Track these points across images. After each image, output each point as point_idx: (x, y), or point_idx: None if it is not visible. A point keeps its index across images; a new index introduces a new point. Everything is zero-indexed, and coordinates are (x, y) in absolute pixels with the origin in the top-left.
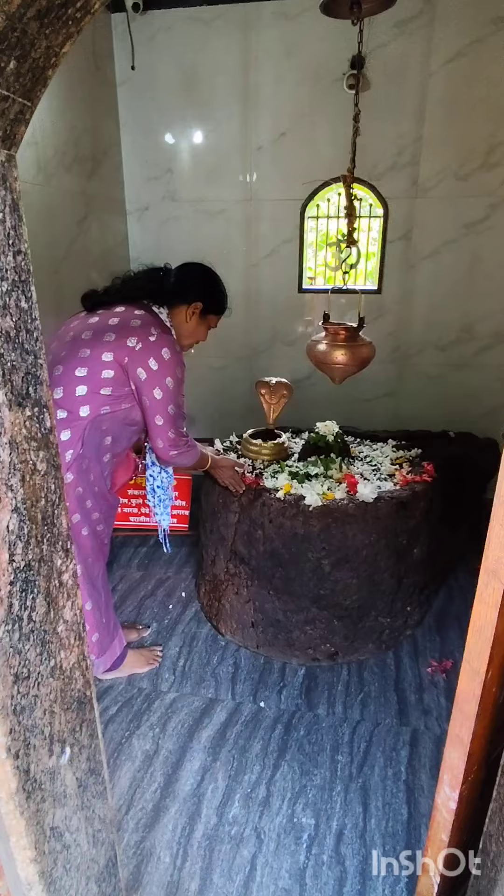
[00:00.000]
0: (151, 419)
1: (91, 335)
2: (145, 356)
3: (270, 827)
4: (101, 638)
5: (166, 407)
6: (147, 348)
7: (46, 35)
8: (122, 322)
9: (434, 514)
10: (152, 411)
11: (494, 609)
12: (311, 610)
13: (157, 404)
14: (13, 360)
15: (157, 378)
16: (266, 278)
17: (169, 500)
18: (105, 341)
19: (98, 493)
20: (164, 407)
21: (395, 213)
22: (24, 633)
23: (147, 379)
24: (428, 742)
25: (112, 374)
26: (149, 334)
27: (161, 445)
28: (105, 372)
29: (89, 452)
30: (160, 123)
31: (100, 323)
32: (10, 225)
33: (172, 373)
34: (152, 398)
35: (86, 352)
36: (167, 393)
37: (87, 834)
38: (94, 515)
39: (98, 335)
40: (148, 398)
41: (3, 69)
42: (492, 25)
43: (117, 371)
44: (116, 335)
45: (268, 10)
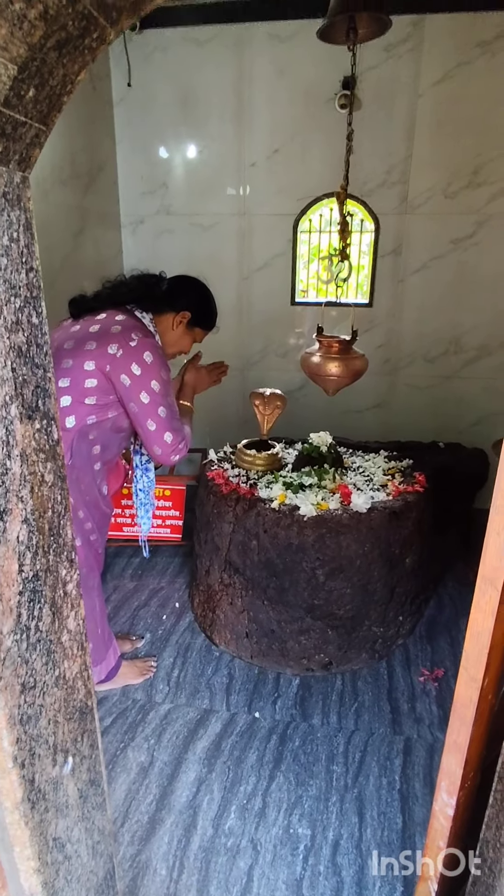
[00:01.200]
0: (143, 425)
1: (73, 344)
2: (127, 362)
3: (267, 838)
4: (96, 647)
5: (156, 410)
6: (128, 354)
7: (64, 64)
8: (103, 329)
9: (425, 523)
10: (143, 417)
11: (491, 616)
12: (306, 620)
13: (146, 409)
14: (24, 375)
15: (141, 382)
16: (259, 291)
17: (151, 505)
18: (86, 350)
19: (90, 503)
20: (154, 410)
21: (385, 229)
22: (31, 643)
23: (131, 385)
24: (421, 750)
25: (95, 383)
26: (129, 339)
27: (160, 452)
28: (88, 381)
29: (79, 462)
30: (155, 139)
31: (81, 331)
32: (24, 243)
33: (157, 375)
34: (140, 403)
35: (68, 362)
36: (154, 396)
37: (88, 846)
38: (86, 525)
39: (79, 344)
40: (135, 404)
41: (22, 97)
42: (477, 49)
43: (100, 379)
44: (97, 343)
45: (261, 32)
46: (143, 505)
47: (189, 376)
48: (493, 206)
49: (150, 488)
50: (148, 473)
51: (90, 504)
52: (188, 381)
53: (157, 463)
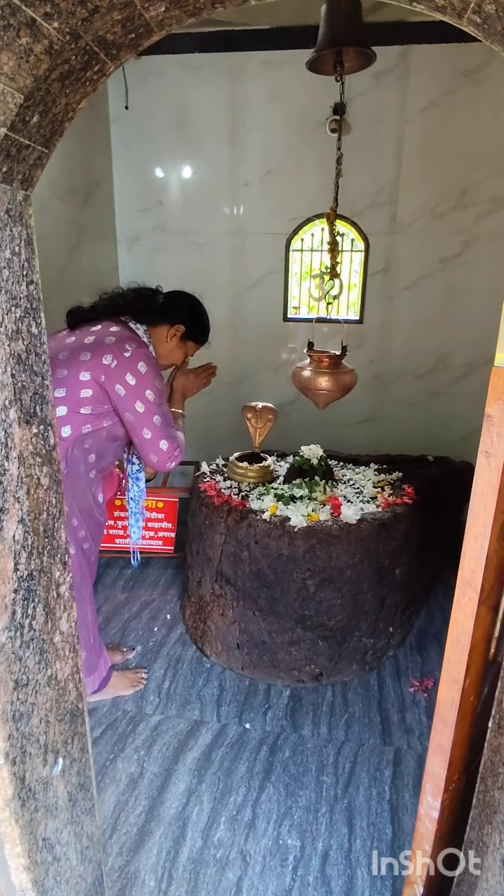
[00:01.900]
0: (139, 434)
1: (68, 355)
2: (122, 372)
3: (256, 849)
4: (88, 657)
5: (151, 418)
6: (122, 364)
7: (66, 94)
8: (98, 340)
9: (414, 535)
10: (138, 426)
11: (471, 618)
12: (296, 631)
13: (141, 418)
14: (23, 381)
15: (136, 392)
16: (252, 307)
17: (140, 515)
18: (81, 360)
19: (85, 511)
20: (150, 419)
21: (375, 248)
22: (24, 641)
23: (126, 395)
24: (411, 761)
25: (91, 393)
26: (123, 350)
27: (156, 460)
28: (83, 391)
29: (74, 471)
30: (151, 159)
31: (76, 342)
32: (25, 258)
33: (151, 385)
34: (135, 412)
35: (63, 372)
36: (149, 405)
37: (77, 850)
38: (80, 533)
39: (74, 354)
40: (131, 413)
41: (27, 122)
42: (462, 77)
43: (95, 390)
44: (92, 354)
45: (255, 60)
46: (134, 514)
47: (178, 382)
48: (480, 227)
49: (141, 498)
50: (139, 483)
51: (85, 512)
52: (177, 387)
53: (152, 469)
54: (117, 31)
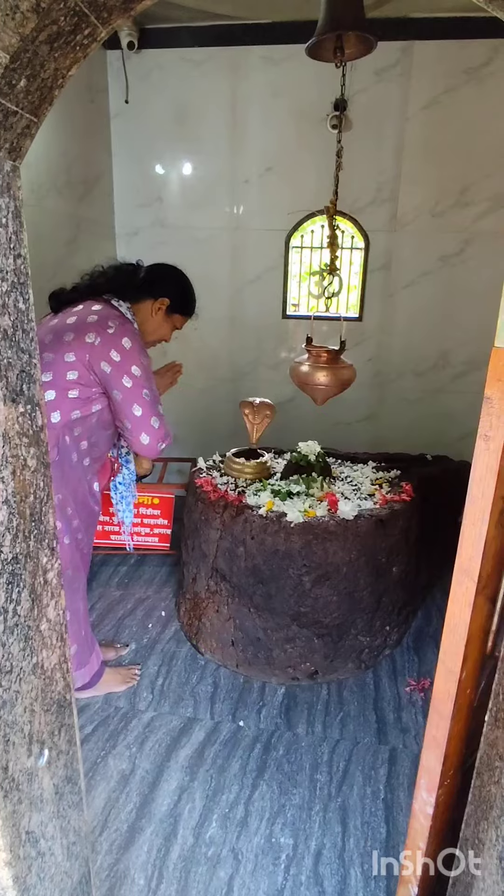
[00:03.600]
0: (129, 412)
1: (52, 338)
2: (106, 349)
3: (248, 847)
4: (80, 650)
5: (140, 393)
6: (106, 341)
7: (55, 58)
8: (80, 320)
9: (412, 532)
10: (127, 403)
11: (468, 607)
12: (292, 628)
13: (129, 393)
14: (9, 358)
15: (122, 368)
16: (251, 304)
17: (132, 496)
18: (65, 342)
19: (79, 501)
20: (139, 393)
21: (375, 245)
22: (8, 626)
23: (112, 371)
24: (406, 760)
25: (77, 375)
26: (106, 327)
27: (147, 441)
28: (70, 373)
29: (66, 459)
30: (151, 154)
31: (59, 324)
32: (13, 230)
33: (137, 360)
34: (123, 388)
35: (49, 356)
36: (136, 380)
37: (63, 845)
38: (74, 523)
39: (58, 337)
40: (119, 390)
41: (14, 86)
42: (464, 75)
43: (81, 371)
44: (75, 334)
45: (255, 55)
46: (124, 498)
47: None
48: (480, 225)
49: (132, 481)
50: (129, 465)
51: (79, 502)
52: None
53: (143, 454)
54: None
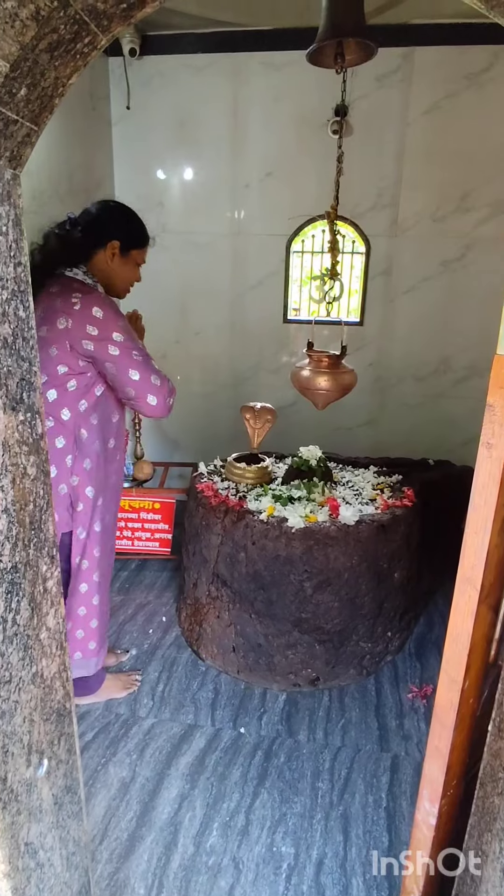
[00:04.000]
0: (126, 379)
1: None
2: (80, 327)
3: (249, 856)
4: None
5: (130, 356)
6: (77, 319)
7: (56, 66)
8: (45, 308)
9: (414, 538)
10: (122, 370)
11: (470, 617)
12: (293, 634)
13: (120, 360)
14: (9, 366)
15: (103, 339)
16: (252, 308)
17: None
18: (42, 338)
19: (110, 485)
20: (129, 357)
21: (376, 250)
22: (7, 636)
23: (95, 346)
24: (409, 768)
25: (67, 368)
26: (71, 305)
27: (155, 401)
28: (60, 367)
29: (89, 450)
30: (152, 160)
31: None
32: (13, 238)
33: (114, 325)
34: (111, 358)
35: None
36: (121, 344)
37: (62, 856)
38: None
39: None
40: (108, 361)
41: (14, 95)
42: (464, 81)
43: (68, 360)
44: (48, 326)
45: (257, 60)
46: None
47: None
48: (481, 230)
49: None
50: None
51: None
52: None
53: (153, 415)
54: None
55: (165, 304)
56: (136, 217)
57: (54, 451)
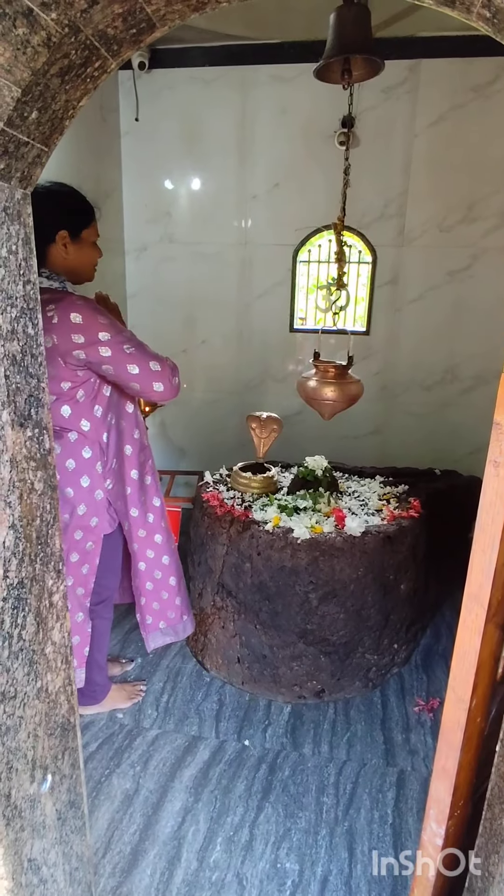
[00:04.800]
0: (126, 375)
1: None
2: (65, 340)
3: (253, 872)
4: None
5: (122, 350)
6: (60, 333)
7: (66, 90)
8: None
9: (420, 549)
10: (120, 368)
11: (477, 635)
12: (298, 645)
13: (113, 359)
14: (18, 383)
15: (90, 343)
16: (258, 318)
17: None
18: None
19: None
20: (121, 352)
21: (382, 260)
22: (13, 651)
23: (86, 352)
24: (415, 783)
25: (69, 383)
26: (49, 320)
27: (162, 387)
28: (63, 384)
29: (116, 451)
30: (161, 170)
31: None
32: (22, 257)
33: (97, 326)
34: (105, 360)
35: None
36: (110, 343)
37: (65, 871)
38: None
39: None
40: (104, 364)
41: (25, 118)
42: (471, 93)
43: (66, 375)
44: None
45: (264, 73)
46: None
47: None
48: (488, 241)
49: None
50: None
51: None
52: None
53: (163, 400)
54: (118, 25)
55: (172, 314)
56: (72, 194)
57: (83, 462)
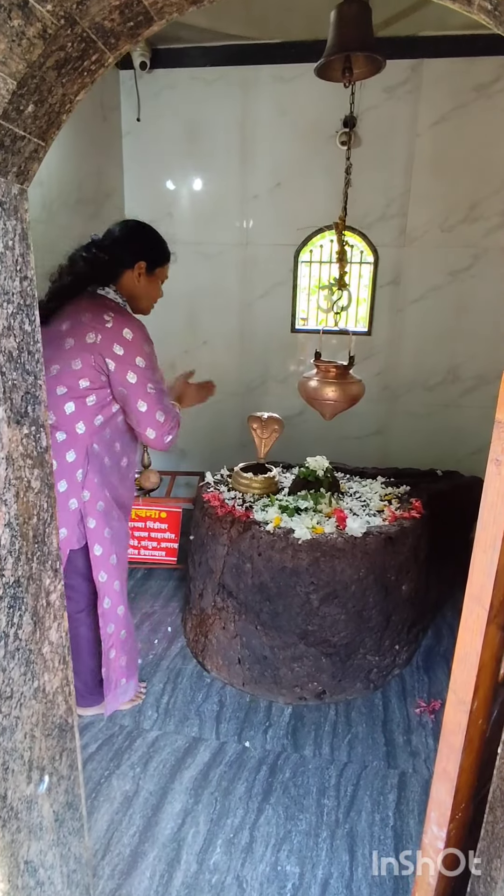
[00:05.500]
0: (134, 408)
1: (52, 349)
2: (108, 345)
3: (253, 875)
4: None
5: (145, 387)
6: (106, 337)
7: (63, 84)
8: (73, 323)
9: (422, 550)
10: (133, 398)
11: (479, 636)
12: (299, 646)
13: (134, 389)
14: (14, 380)
15: (126, 361)
16: (260, 318)
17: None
18: (67, 350)
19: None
20: (143, 388)
21: (384, 260)
22: (9, 651)
23: (117, 366)
24: (416, 786)
25: (89, 383)
26: (103, 322)
27: (153, 435)
28: (82, 381)
29: (101, 465)
30: (162, 171)
31: (54, 333)
32: (19, 252)
33: (140, 351)
34: (127, 384)
35: (55, 367)
36: (141, 373)
37: (62, 873)
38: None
39: (59, 347)
40: (124, 386)
41: (21, 112)
42: (473, 92)
43: (91, 375)
44: (74, 339)
45: (266, 73)
46: None
47: (178, 388)
48: (490, 240)
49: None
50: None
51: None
52: (176, 391)
53: (149, 446)
54: (115, 17)
55: (174, 314)
56: (158, 235)
57: (65, 465)
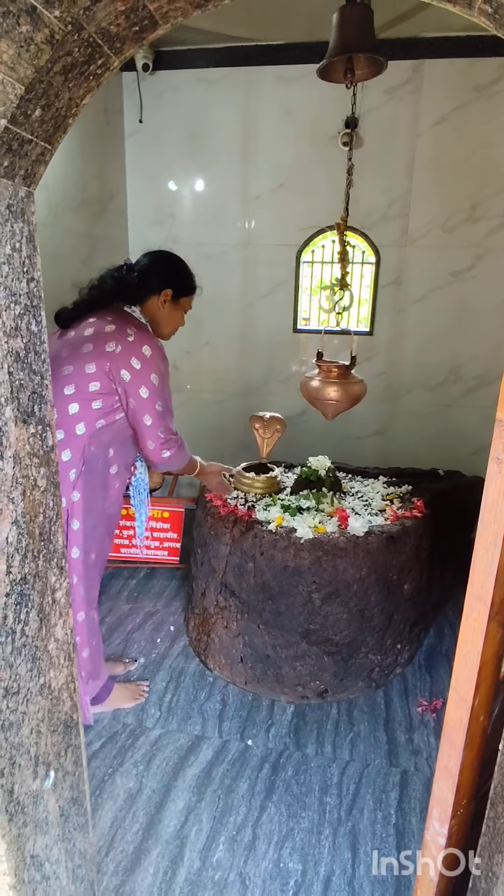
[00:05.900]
0: (140, 420)
1: (69, 351)
2: (126, 357)
3: (256, 872)
4: (92, 655)
5: (154, 404)
6: (126, 349)
7: (70, 88)
8: (97, 330)
9: (424, 549)
10: (140, 411)
11: (480, 634)
12: (301, 645)
13: (143, 403)
14: (21, 379)
15: (141, 376)
16: (262, 318)
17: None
18: (84, 353)
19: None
20: (152, 405)
21: (386, 261)
22: (16, 647)
23: (132, 379)
24: (418, 784)
25: (99, 386)
26: (126, 335)
27: (152, 447)
28: (92, 384)
29: (93, 468)
30: (165, 172)
31: (75, 337)
32: (26, 254)
33: (156, 369)
34: (138, 398)
35: (69, 368)
36: (153, 390)
37: (68, 868)
38: (97, 533)
39: (76, 349)
40: (134, 398)
41: (29, 116)
42: (474, 92)
43: (103, 380)
44: (94, 345)
45: (268, 74)
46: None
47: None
48: (491, 241)
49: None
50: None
51: (107, 510)
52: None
53: (147, 461)
54: (121, 22)
55: None
56: (187, 267)
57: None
